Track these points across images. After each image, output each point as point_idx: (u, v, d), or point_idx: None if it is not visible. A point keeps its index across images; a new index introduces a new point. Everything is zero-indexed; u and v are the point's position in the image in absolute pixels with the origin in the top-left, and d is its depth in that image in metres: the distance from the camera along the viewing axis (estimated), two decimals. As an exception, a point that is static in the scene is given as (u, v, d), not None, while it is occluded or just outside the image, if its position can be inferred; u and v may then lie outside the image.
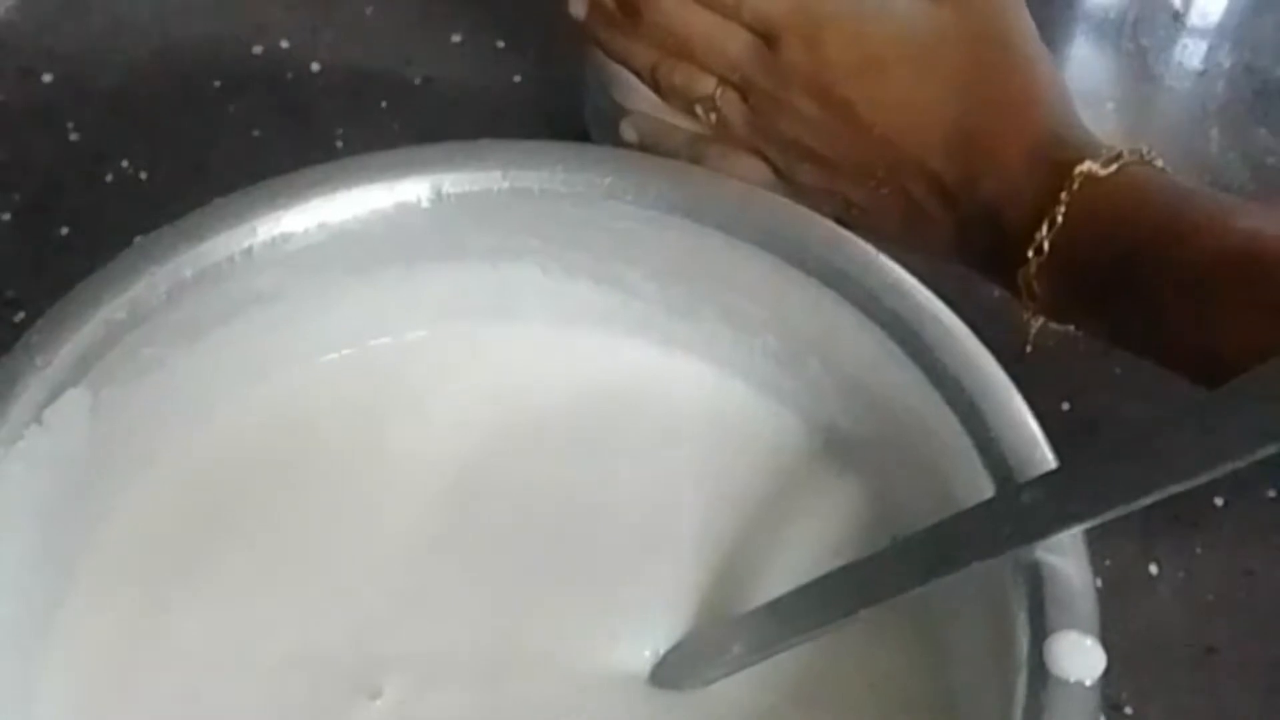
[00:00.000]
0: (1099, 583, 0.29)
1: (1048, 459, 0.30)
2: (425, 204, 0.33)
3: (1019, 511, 0.28)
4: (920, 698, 0.31)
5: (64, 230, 0.43)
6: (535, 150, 0.34)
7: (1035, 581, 0.29)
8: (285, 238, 0.32)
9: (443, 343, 0.35)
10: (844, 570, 0.30)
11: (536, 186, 0.34)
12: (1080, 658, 0.28)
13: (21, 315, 0.41)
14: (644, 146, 0.39)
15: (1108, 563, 0.37)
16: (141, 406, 0.32)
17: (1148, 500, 0.25)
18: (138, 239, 0.32)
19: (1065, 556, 0.29)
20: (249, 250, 0.32)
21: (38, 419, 0.29)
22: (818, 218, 0.34)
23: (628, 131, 0.40)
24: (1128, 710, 0.36)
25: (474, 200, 0.34)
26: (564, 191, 0.34)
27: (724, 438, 0.35)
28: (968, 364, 0.31)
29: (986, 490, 0.30)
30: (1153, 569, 0.39)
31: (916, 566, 0.29)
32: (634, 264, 0.35)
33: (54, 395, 0.30)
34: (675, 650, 0.32)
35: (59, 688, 0.30)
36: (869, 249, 0.33)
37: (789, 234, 0.33)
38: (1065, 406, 0.41)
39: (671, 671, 0.31)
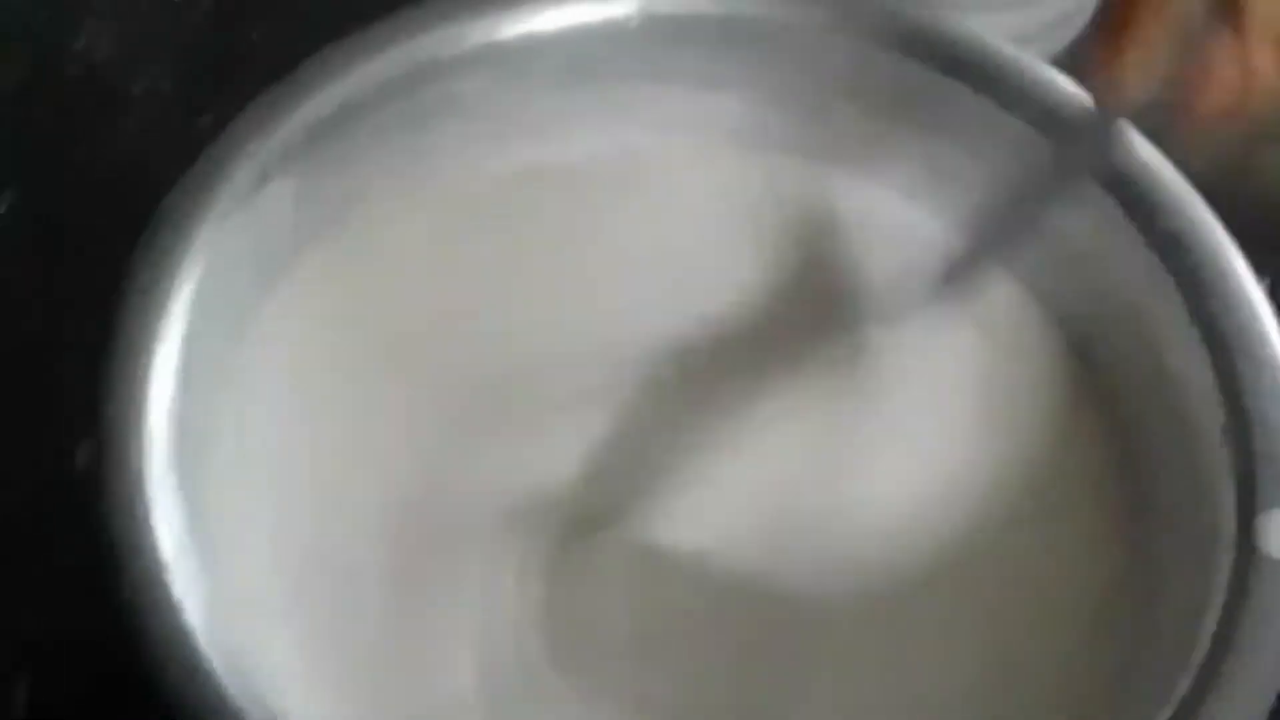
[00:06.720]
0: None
1: (1266, 333, 0.29)
2: (634, 24, 0.32)
3: None
4: (1121, 577, 0.30)
5: (254, 36, 0.43)
6: (750, -22, 0.33)
7: (1245, 459, 0.28)
8: (493, 45, 0.32)
9: (637, 163, 0.34)
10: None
11: (749, 13, 0.33)
12: (1293, 536, 0.27)
13: (210, 118, 0.41)
14: None
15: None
16: (341, 201, 0.32)
17: None
18: (327, 46, 0.31)
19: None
20: (458, 54, 0.31)
21: (247, 202, 0.29)
22: (1040, 64, 0.32)
23: None
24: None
25: (682, 23, 0.33)
26: (776, 20, 0.33)
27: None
28: (1191, 229, 0.30)
29: (1200, 359, 0.29)
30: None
31: None
32: (840, 97, 0.33)
33: (262, 182, 0.29)
34: None
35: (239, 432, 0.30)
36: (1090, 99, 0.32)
37: (1010, 79, 0.32)
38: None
39: None
